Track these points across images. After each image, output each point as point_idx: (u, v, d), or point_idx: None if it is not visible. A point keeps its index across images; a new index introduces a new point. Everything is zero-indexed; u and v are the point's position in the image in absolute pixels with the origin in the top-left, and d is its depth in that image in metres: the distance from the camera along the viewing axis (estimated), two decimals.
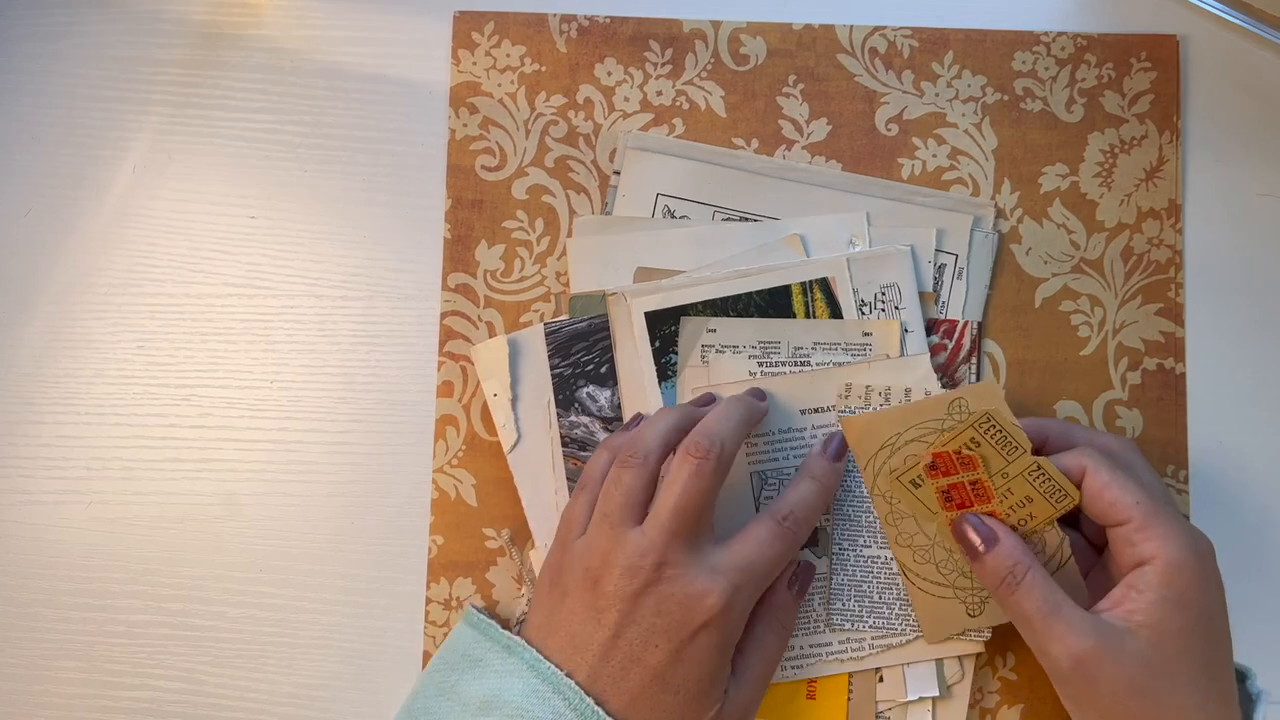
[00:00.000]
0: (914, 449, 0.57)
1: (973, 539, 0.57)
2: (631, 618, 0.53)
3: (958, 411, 0.55)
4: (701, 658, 0.53)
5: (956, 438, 0.55)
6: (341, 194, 0.67)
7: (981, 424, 0.54)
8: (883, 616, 0.61)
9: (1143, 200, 0.66)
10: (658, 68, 0.67)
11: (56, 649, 0.64)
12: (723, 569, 0.54)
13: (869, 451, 0.58)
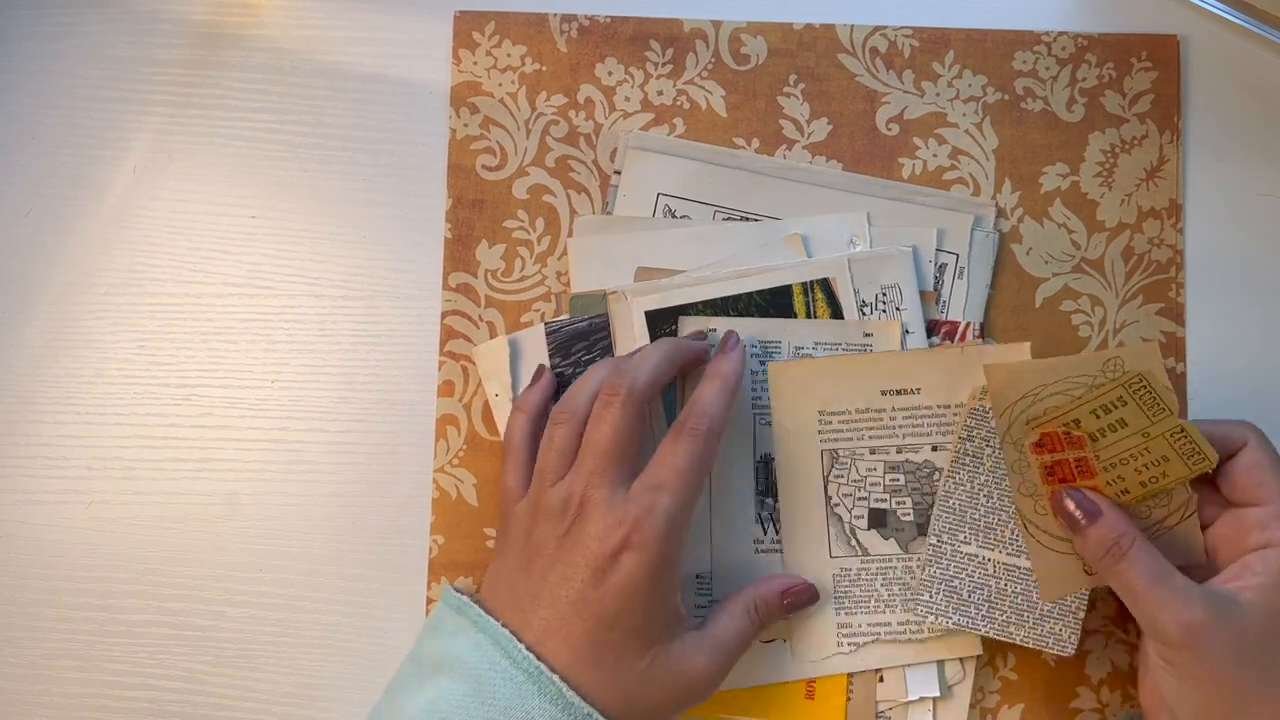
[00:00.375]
0: (1057, 400, 0.56)
1: (1074, 512, 0.56)
2: (555, 559, 0.54)
3: (1112, 370, 0.55)
4: (626, 583, 0.52)
5: (1105, 394, 0.55)
6: (342, 194, 0.67)
7: (1133, 384, 0.54)
8: (967, 615, 0.61)
9: (1143, 200, 0.66)
10: (658, 67, 0.67)
11: (57, 649, 0.64)
12: (635, 493, 0.54)
13: (1009, 400, 0.57)
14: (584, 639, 0.52)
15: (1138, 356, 0.54)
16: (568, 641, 0.52)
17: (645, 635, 0.53)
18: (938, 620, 0.60)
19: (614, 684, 0.52)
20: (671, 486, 0.54)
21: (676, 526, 0.54)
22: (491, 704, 0.50)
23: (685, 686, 0.54)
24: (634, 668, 0.53)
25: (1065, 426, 0.56)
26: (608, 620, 0.52)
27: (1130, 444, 0.56)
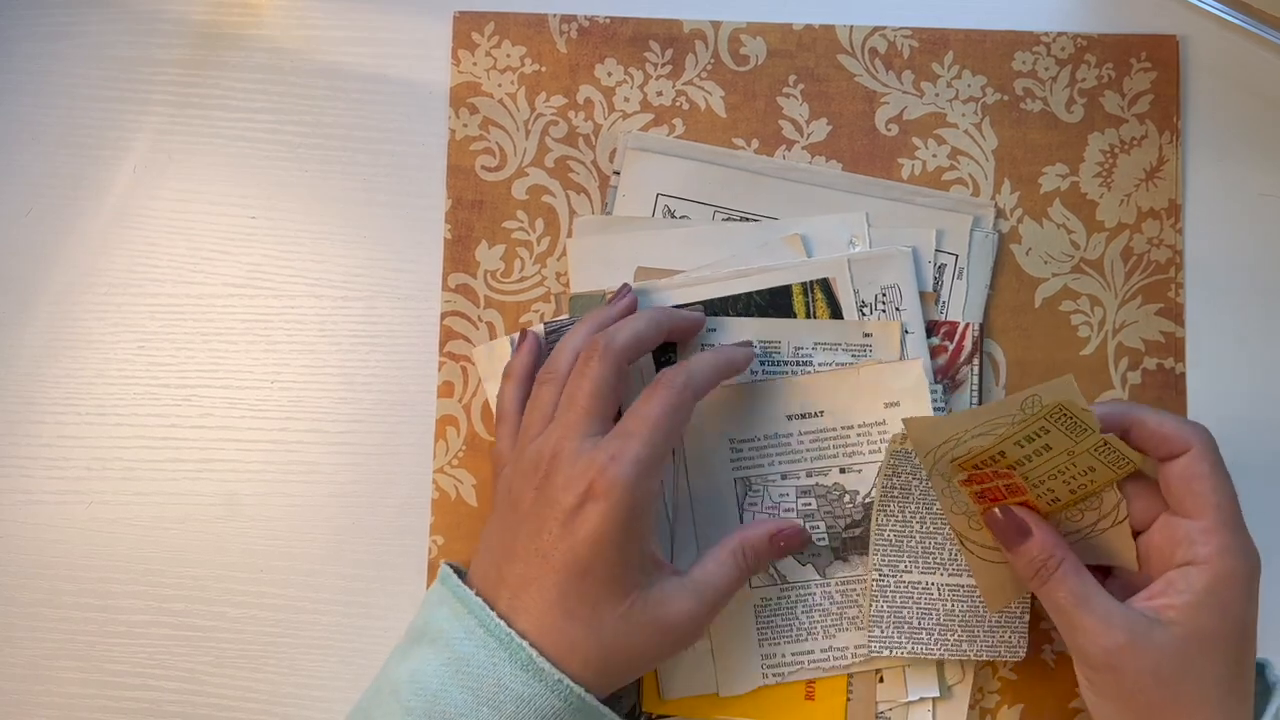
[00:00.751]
0: (980, 442, 0.56)
1: (1005, 529, 0.56)
2: (529, 513, 0.53)
3: (1031, 407, 0.54)
4: (594, 532, 0.51)
5: (1027, 427, 0.54)
6: (342, 194, 0.67)
7: (1053, 415, 0.54)
8: (921, 642, 0.60)
9: (1143, 200, 0.66)
10: (658, 68, 0.67)
11: (57, 649, 0.64)
12: (604, 442, 0.53)
13: (930, 445, 0.57)
14: (556, 591, 0.51)
15: (1054, 390, 0.53)
16: (541, 595, 0.51)
17: (620, 583, 0.52)
18: (892, 653, 0.60)
19: (590, 634, 0.51)
20: (639, 434, 0.53)
21: (644, 472, 0.52)
22: (467, 672, 0.50)
23: (667, 631, 0.53)
24: (611, 615, 0.51)
25: (990, 460, 0.55)
26: (580, 570, 0.51)
27: (1057, 462, 0.55)
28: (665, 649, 0.53)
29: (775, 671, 0.61)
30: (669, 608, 0.53)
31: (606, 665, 0.51)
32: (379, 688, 0.53)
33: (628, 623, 0.52)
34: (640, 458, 0.52)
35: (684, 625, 0.53)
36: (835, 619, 0.61)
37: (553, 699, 0.50)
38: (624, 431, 0.53)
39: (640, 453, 0.52)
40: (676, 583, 0.54)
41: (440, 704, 0.50)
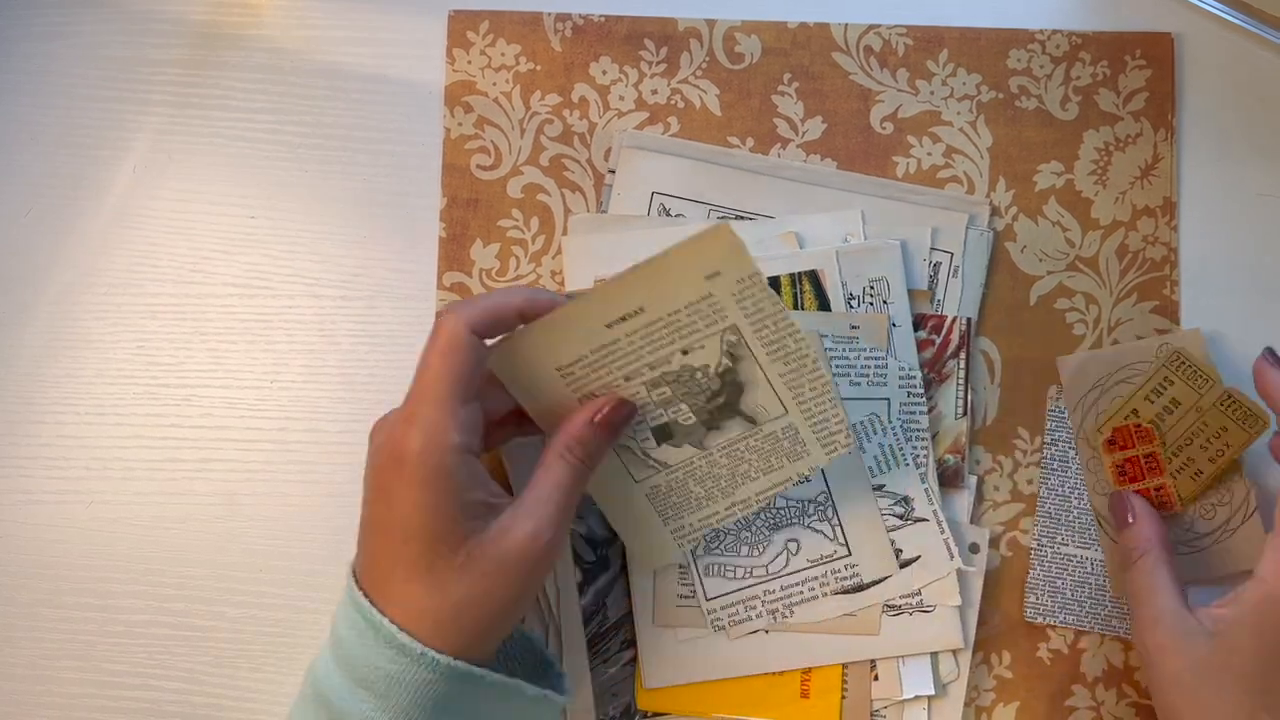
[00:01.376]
0: (1120, 390, 0.58)
1: (1116, 511, 0.60)
2: (366, 486, 0.53)
3: (1160, 354, 0.55)
4: (404, 497, 0.50)
5: (1153, 378, 0.57)
6: (341, 194, 0.66)
7: (1173, 361, 0.54)
8: (1073, 613, 0.62)
9: (1138, 198, 0.65)
10: (653, 66, 0.66)
11: (57, 649, 0.63)
12: (403, 407, 0.52)
13: (1080, 390, 0.59)
14: (393, 559, 0.50)
15: (1180, 338, 0.56)
16: (389, 567, 0.50)
17: (447, 538, 0.50)
18: (1045, 620, 0.62)
19: (434, 595, 0.50)
20: (424, 391, 0.51)
21: (434, 428, 0.50)
22: (345, 655, 0.50)
23: (515, 563, 0.50)
24: (449, 571, 0.50)
25: (1130, 419, 0.58)
26: (405, 535, 0.50)
27: (1189, 422, 0.57)
28: (522, 581, 0.51)
29: (688, 538, 0.59)
30: (508, 540, 0.50)
31: (462, 621, 0.50)
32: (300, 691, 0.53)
33: (469, 572, 0.50)
34: (424, 416, 0.50)
35: (529, 549, 0.50)
36: (729, 477, 0.58)
37: (422, 672, 0.49)
38: (414, 392, 0.52)
39: (424, 412, 0.51)
40: (510, 514, 0.51)
41: (324, 688, 0.50)
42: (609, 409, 0.55)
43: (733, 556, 0.61)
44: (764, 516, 0.61)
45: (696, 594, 0.61)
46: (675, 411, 0.58)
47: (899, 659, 0.61)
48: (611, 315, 0.55)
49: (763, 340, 0.55)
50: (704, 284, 0.54)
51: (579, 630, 0.61)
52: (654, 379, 0.57)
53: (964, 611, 0.61)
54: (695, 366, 0.57)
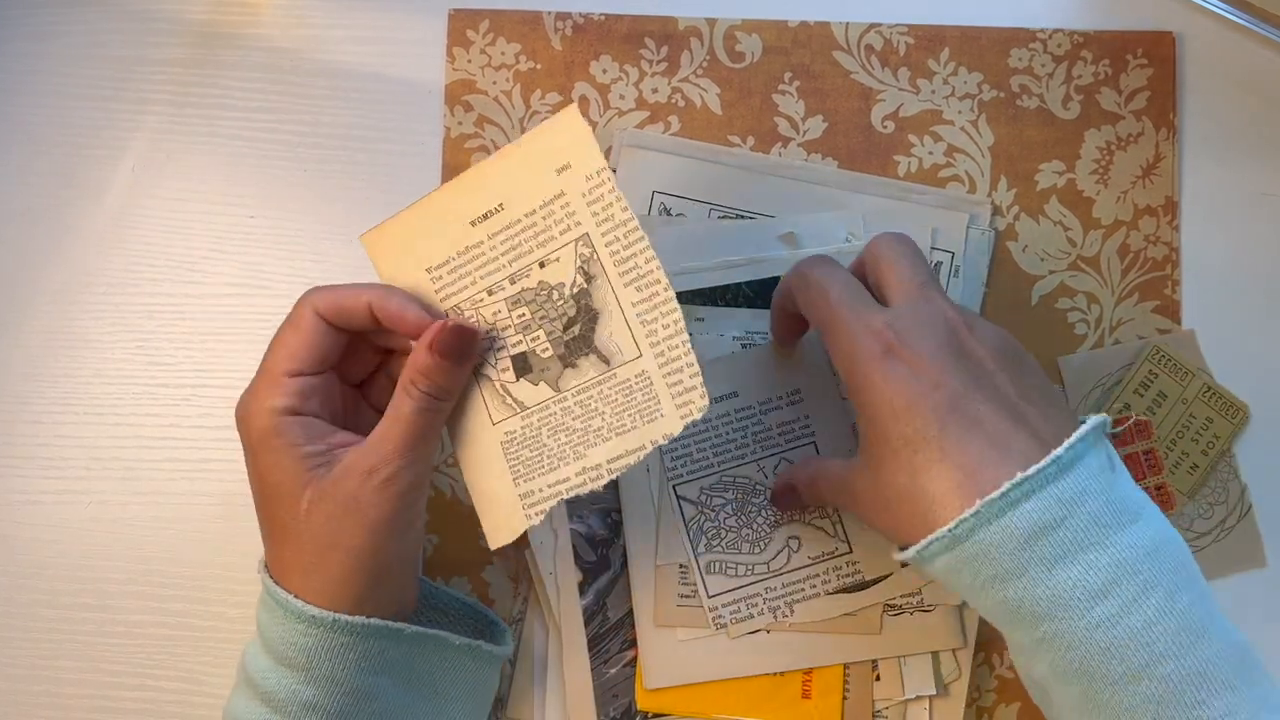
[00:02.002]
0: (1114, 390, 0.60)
1: (783, 501, 0.60)
2: None
3: (1145, 350, 0.58)
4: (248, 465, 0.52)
5: (1138, 372, 0.58)
6: (340, 193, 0.65)
7: (1154, 356, 0.55)
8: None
9: (1139, 197, 0.65)
10: (653, 65, 0.65)
11: (56, 649, 0.63)
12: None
13: (1082, 390, 0.60)
14: (265, 527, 0.52)
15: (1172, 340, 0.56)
16: (263, 536, 0.52)
17: (289, 489, 0.50)
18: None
19: (295, 548, 0.50)
20: (267, 370, 0.52)
21: (257, 394, 0.51)
22: (266, 638, 0.51)
23: (353, 500, 0.49)
24: (296, 519, 0.50)
25: (1123, 413, 0.58)
26: (259, 500, 0.52)
27: (1177, 415, 0.58)
28: (371, 521, 0.50)
29: (537, 509, 0.54)
30: (348, 480, 0.49)
31: (325, 568, 0.49)
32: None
33: (315, 517, 0.49)
34: (251, 389, 0.52)
35: (371, 488, 0.49)
36: (581, 435, 0.54)
37: (337, 636, 0.49)
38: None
39: (252, 385, 0.52)
40: (354, 452, 0.50)
41: (250, 672, 0.51)
42: (443, 333, 0.51)
43: (734, 554, 0.61)
44: (765, 514, 0.61)
45: (698, 592, 0.61)
46: (534, 340, 0.54)
47: (900, 659, 0.61)
48: (473, 210, 0.53)
49: (614, 257, 0.52)
50: (555, 180, 0.52)
51: (579, 630, 0.61)
52: (514, 295, 0.54)
53: (965, 611, 0.61)
54: (551, 284, 0.54)
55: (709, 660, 0.60)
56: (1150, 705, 0.44)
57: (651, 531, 0.61)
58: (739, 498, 0.61)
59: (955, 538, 0.46)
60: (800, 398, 0.60)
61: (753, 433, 0.60)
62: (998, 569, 0.46)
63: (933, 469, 0.48)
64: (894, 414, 0.49)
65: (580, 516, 0.62)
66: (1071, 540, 0.45)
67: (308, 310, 0.52)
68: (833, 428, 0.60)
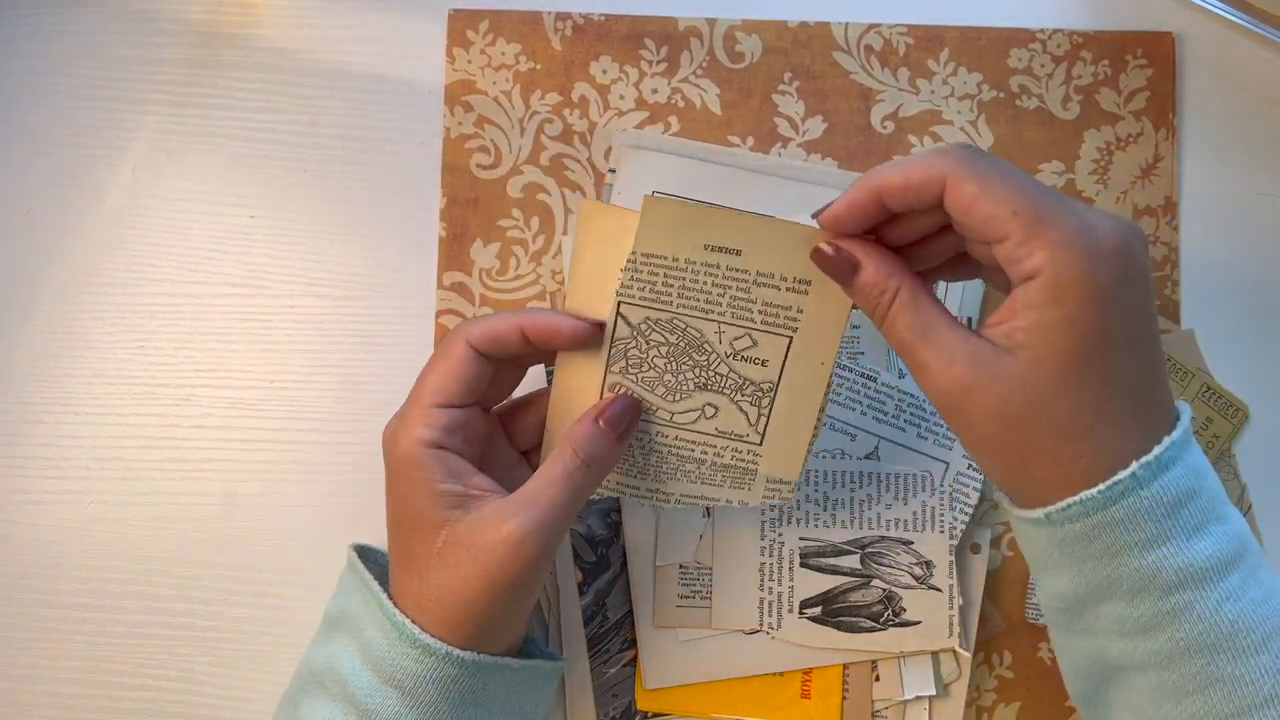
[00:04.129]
0: None
1: (837, 267, 0.49)
2: None
3: None
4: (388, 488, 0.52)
5: None
6: (341, 193, 0.65)
7: None
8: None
9: (1139, 197, 0.64)
10: (653, 65, 0.65)
11: (56, 649, 0.62)
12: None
13: None
14: (394, 550, 0.52)
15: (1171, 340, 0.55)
16: (391, 557, 0.53)
17: (422, 523, 0.50)
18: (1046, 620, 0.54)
19: (417, 580, 0.50)
20: (410, 400, 0.53)
21: (402, 426, 0.52)
22: (373, 655, 0.50)
23: (490, 554, 0.49)
24: (427, 555, 0.50)
25: None
26: (392, 524, 0.52)
27: None
28: (499, 578, 0.49)
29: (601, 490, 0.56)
30: (485, 533, 0.49)
31: (442, 608, 0.50)
32: (303, 673, 0.53)
33: (445, 559, 0.49)
34: (403, 416, 0.52)
35: (510, 547, 0.49)
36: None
37: (448, 668, 0.49)
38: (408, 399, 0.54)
39: (404, 412, 0.52)
40: (497, 506, 0.50)
41: (352, 688, 0.50)
42: (614, 408, 0.53)
43: (646, 390, 0.55)
44: (697, 372, 0.54)
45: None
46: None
47: (900, 659, 0.60)
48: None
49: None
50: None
51: (579, 630, 0.60)
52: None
53: (965, 611, 0.60)
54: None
55: (708, 660, 0.60)
56: (1269, 676, 0.43)
57: (651, 532, 0.60)
58: (680, 346, 0.54)
59: (1107, 499, 0.43)
60: (805, 290, 0.52)
61: (732, 295, 0.53)
62: (1142, 535, 0.43)
63: (1124, 425, 0.44)
64: (1111, 344, 0.43)
65: (580, 517, 0.61)
66: (1204, 511, 0.44)
67: (460, 342, 0.52)
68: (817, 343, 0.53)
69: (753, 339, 0.53)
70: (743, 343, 0.54)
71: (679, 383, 0.55)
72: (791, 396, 0.54)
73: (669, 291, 0.53)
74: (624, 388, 0.55)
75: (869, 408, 0.60)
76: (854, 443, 0.60)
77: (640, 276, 0.52)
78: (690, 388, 0.55)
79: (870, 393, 0.60)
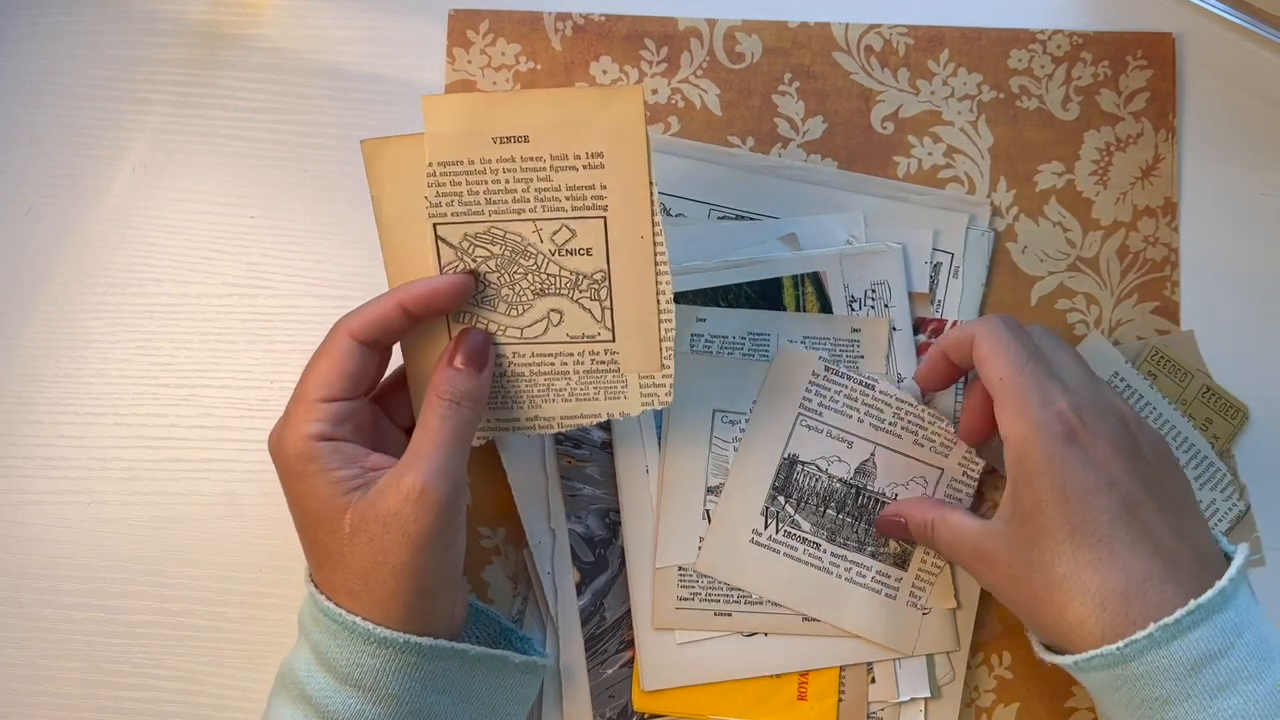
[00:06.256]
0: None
1: (893, 529, 0.59)
2: None
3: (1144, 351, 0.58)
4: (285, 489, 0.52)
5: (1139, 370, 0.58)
6: (341, 194, 0.65)
7: (1153, 357, 0.56)
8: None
9: (1139, 198, 0.64)
10: (653, 66, 0.64)
11: (56, 649, 0.62)
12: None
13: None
14: (309, 551, 0.52)
15: (1171, 340, 0.55)
16: (309, 557, 0.52)
17: (328, 512, 0.50)
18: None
19: (341, 568, 0.49)
20: (292, 398, 0.52)
21: (289, 422, 0.51)
22: (325, 658, 0.50)
23: (395, 517, 0.49)
24: (339, 541, 0.49)
25: None
26: (301, 524, 0.51)
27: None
28: (415, 537, 0.49)
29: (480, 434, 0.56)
30: (387, 499, 0.49)
31: (370, 586, 0.49)
32: (275, 688, 0.53)
33: (358, 538, 0.49)
34: (285, 415, 0.51)
35: (410, 503, 0.49)
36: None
37: (406, 656, 0.49)
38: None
39: (287, 411, 0.52)
40: (391, 473, 0.50)
41: (310, 690, 0.50)
42: (463, 343, 0.53)
43: (488, 310, 0.54)
44: (531, 279, 0.54)
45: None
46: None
47: (896, 661, 0.60)
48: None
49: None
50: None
51: (576, 631, 0.60)
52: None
53: (960, 614, 0.60)
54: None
55: (706, 662, 0.60)
56: None
57: (650, 533, 0.60)
58: (505, 254, 0.53)
59: (1124, 656, 0.46)
60: (600, 163, 0.51)
61: (536, 188, 0.52)
62: (1161, 692, 0.46)
63: (1100, 568, 0.48)
64: (1065, 499, 0.49)
65: (578, 517, 0.61)
66: (1233, 670, 0.46)
67: (341, 335, 0.52)
68: (630, 218, 0.52)
69: (570, 229, 0.53)
70: (562, 235, 0.53)
71: (516, 295, 0.54)
72: (626, 280, 0.53)
73: (476, 199, 0.52)
74: (467, 315, 0.54)
75: (866, 414, 0.60)
76: (850, 450, 0.60)
77: (445, 190, 0.52)
78: (529, 297, 0.54)
79: (868, 400, 0.60)
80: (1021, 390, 0.50)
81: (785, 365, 0.60)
